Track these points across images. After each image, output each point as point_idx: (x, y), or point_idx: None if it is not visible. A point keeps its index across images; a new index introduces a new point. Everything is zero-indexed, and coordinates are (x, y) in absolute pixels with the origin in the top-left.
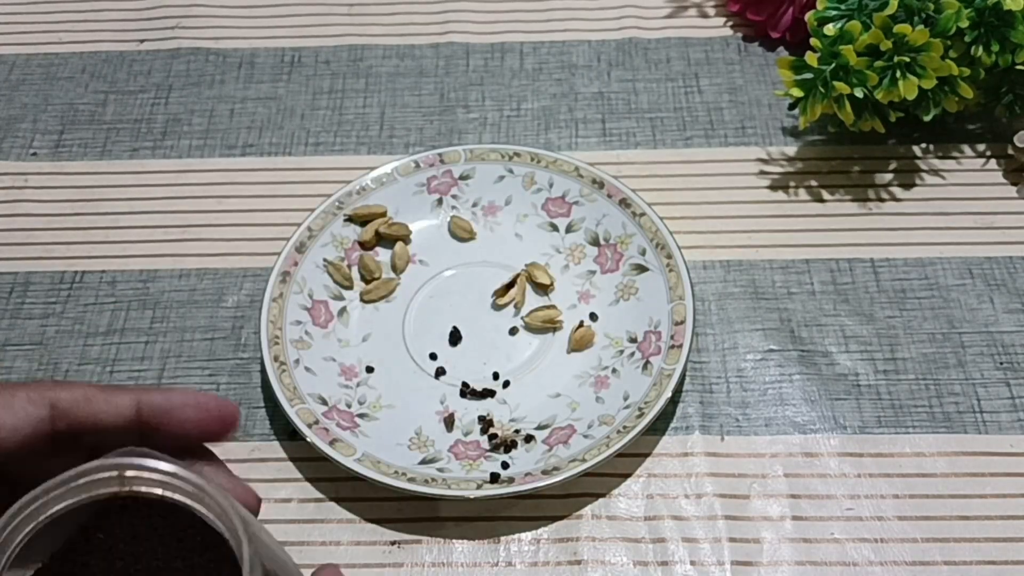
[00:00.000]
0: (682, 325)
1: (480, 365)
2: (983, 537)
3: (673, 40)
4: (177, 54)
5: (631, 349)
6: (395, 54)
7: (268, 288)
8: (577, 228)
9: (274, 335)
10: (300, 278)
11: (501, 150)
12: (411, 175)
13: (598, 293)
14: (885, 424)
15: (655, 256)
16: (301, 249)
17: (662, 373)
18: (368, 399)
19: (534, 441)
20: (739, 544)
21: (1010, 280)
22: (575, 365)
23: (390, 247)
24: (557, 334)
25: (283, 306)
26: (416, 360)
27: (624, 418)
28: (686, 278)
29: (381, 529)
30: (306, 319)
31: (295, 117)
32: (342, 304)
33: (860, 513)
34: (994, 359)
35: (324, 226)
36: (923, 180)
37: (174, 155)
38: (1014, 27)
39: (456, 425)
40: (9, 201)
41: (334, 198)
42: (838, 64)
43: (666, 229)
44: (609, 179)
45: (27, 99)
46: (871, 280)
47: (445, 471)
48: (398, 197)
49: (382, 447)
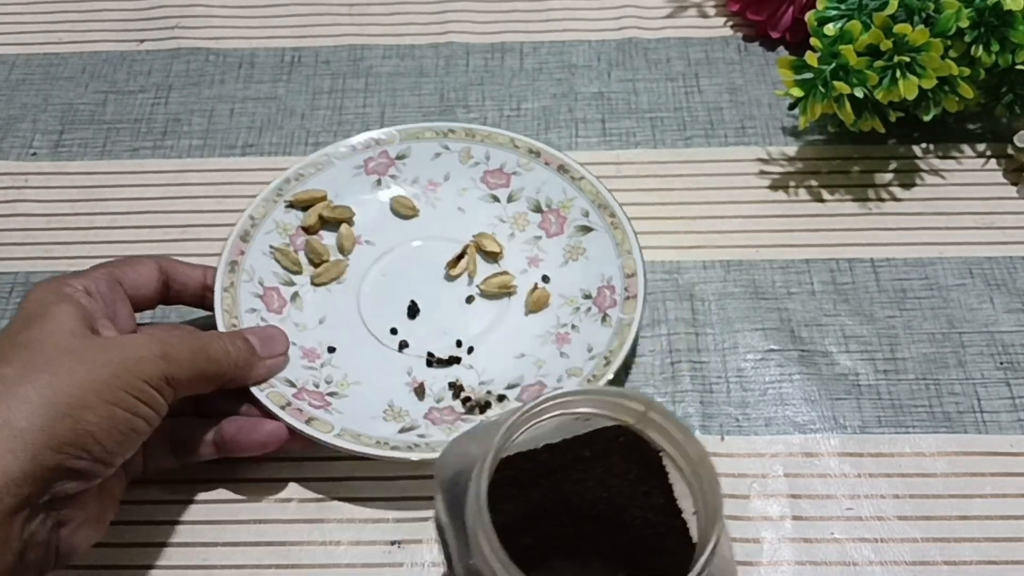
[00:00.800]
0: (634, 277)
1: (442, 335)
2: (983, 537)
3: (673, 40)
4: (177, 54)
5: (587, 305)
6: (395, 54)
7: (218, 278)
8: (518, 197)
9: (231, 324)
10: (249, 267)
11: (435, 127)
12: (347, 158)
13: (547, 256)
14: (885, 424)
15: (599, 216)
16: (246, 238)
17: (621, 323)
18: (335, 378)
19: (507, 400)
20: (739, 544)
21: (1010, 280)
22: (535, 326)
23: (335, 230)
24: (513, 298)
25: (236, 295)
26: (377, 336)
27: (592, 368)
28: (631, 233)
29: (381, 529)
30: (260, 306)
31: (295, 117)
32: (293, 289)
33: (860, 513)
34: (994, 359)
35: (266, 214)
36: (923, 180)
37: (174, 155)
38: (1014, 27)
39: (427, 394)
40: (9, 201)
41: (272, 186)
42: (838, 64)
43: (606, 190)
44: (545, 148)
45: (27, 99)
46: (871, 280)
47: (426, 436)
48: (337, 181)
49: (357, 421)
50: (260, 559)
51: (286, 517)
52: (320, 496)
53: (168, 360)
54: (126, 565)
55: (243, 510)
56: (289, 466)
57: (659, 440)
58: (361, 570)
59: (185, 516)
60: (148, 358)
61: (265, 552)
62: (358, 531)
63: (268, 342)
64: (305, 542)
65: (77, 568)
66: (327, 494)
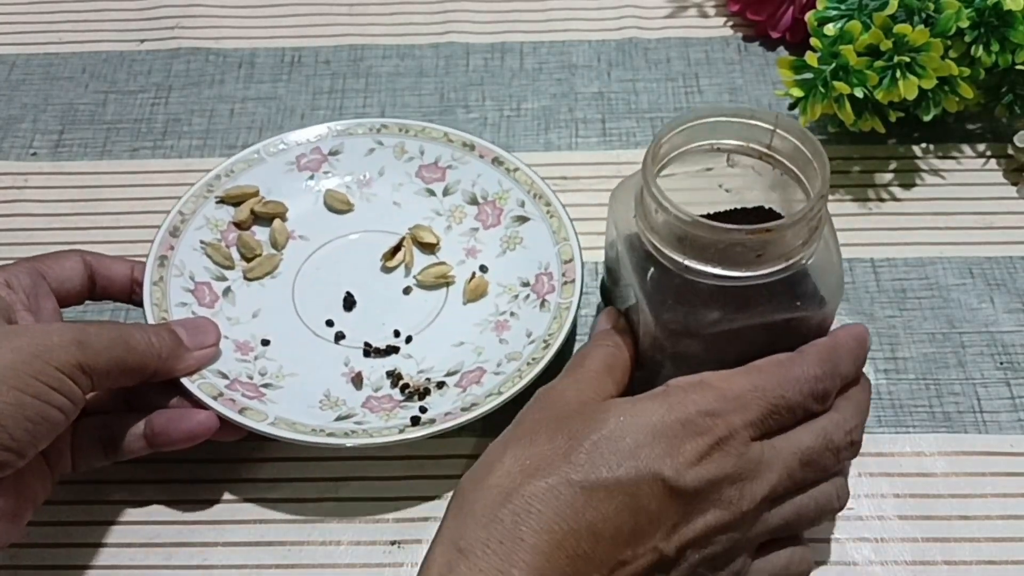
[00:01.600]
0: (571, 263)
1: (379, 326)
2: (983, 537)
3: (673, 40)
4: (177, 54)
5: (525, 292)
6: (395, 54)
7: (147, 272)
8: (454, 190)
9: (161, 317)
10: (179, 261)
11: (367, 124)
12: (279, 155)
13: (484, 247)
14: (885, 424)
15: (535, 206)
16: (175, 233)
17: (560, 307)
18: (269, 370)
19: (446, 387)
20: None
21: (1010, 280)
22: (473, 314)
23: (267, 225)
24: (451, 288)
25: (165, 289)
26: (312, 328)
27: (531, 352)
28: (567, 221)
29: (381, 529)
30: (191, 300)
31: (295, 117)
32: (225, 284)
33: (860, 513)
34: (994, 359)
35: (196, 209)
36: (923, 180)
37: (174, 155)
38: (1014, 27)
39: (365, 383)
40: (9, 201)
41: (202, 182)
42: (838, 64)
43: (541, 180)
44: (479, 141)
45: (27, 99)
46: (871, 280)
47: (364, 423)
48: (269, 177)
49: (293, 411)
50: (260, 559)
51: (286, 517)
52: (320, 496)
53: (83, 347)
54: (126, 565)
55: (243, 510)
56: (289, 466)
57: (786, 162)
58: (361, 570)
59: (185, 516)
60: (61, 344)
61: (265, 552)
62: (358, 531)
63: (196, 332)
64: (305, 542)
65: (54, 568)
66: (327, 494)
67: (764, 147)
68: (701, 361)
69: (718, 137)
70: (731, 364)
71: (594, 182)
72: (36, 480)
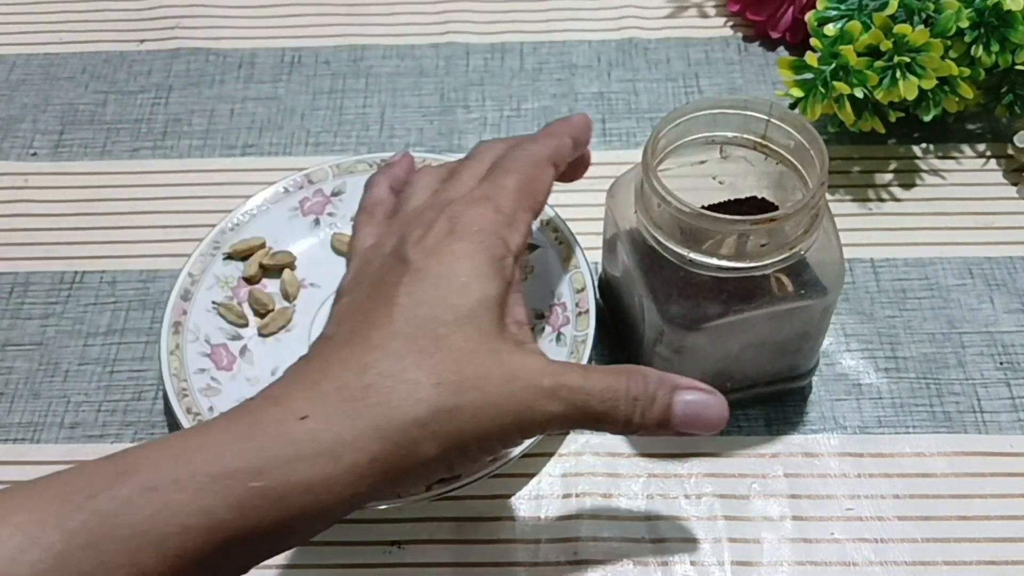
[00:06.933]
0: (584, 292)
1: None
2: (983, 537)
3: (673, 40)
4: (177, 54)
5: (540, 325)
6: (395, 54)
7: (163, 341)
8: None
9: (180, 388)
10: (193, 325)
11: (368, 160)
12: (282, 201)
13: None
14: (885, 424)
15: (542, 233)
16: (187, 297)
17: (575, 340)
18: None
19: None
20: (739, 544)
21: (1010, 280)
22: None
23: (277, 277)
24: None
25: (183, 358)
26: None
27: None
28: (577, 248)
29: (381, 529)
30: (209, 366)
31: (295, 117)
32: (241, 343)
33: (860, 513)
34: (994, 359)
35: (205, 268)
36: (923, 180)
37: (174, 155)
38: (1014, 27)
39: None
40: (9, 201)
41: (208, 239)
42: (838, 64)
43: (549, 206)
44: None
45: (27, 99)
46: (871, 280)
47: None
48: (274, 225)
49: None
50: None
51: None
52: None
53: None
54: None
55: None
56: None
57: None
58: (361, 570)
59: None
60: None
61: None
62: (358, 531)
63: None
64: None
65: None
66: None
67: (759, 137)
68: (707, 354)
69: (714, 129)
70: (735, 356)
71: (594, 182)
72: None
